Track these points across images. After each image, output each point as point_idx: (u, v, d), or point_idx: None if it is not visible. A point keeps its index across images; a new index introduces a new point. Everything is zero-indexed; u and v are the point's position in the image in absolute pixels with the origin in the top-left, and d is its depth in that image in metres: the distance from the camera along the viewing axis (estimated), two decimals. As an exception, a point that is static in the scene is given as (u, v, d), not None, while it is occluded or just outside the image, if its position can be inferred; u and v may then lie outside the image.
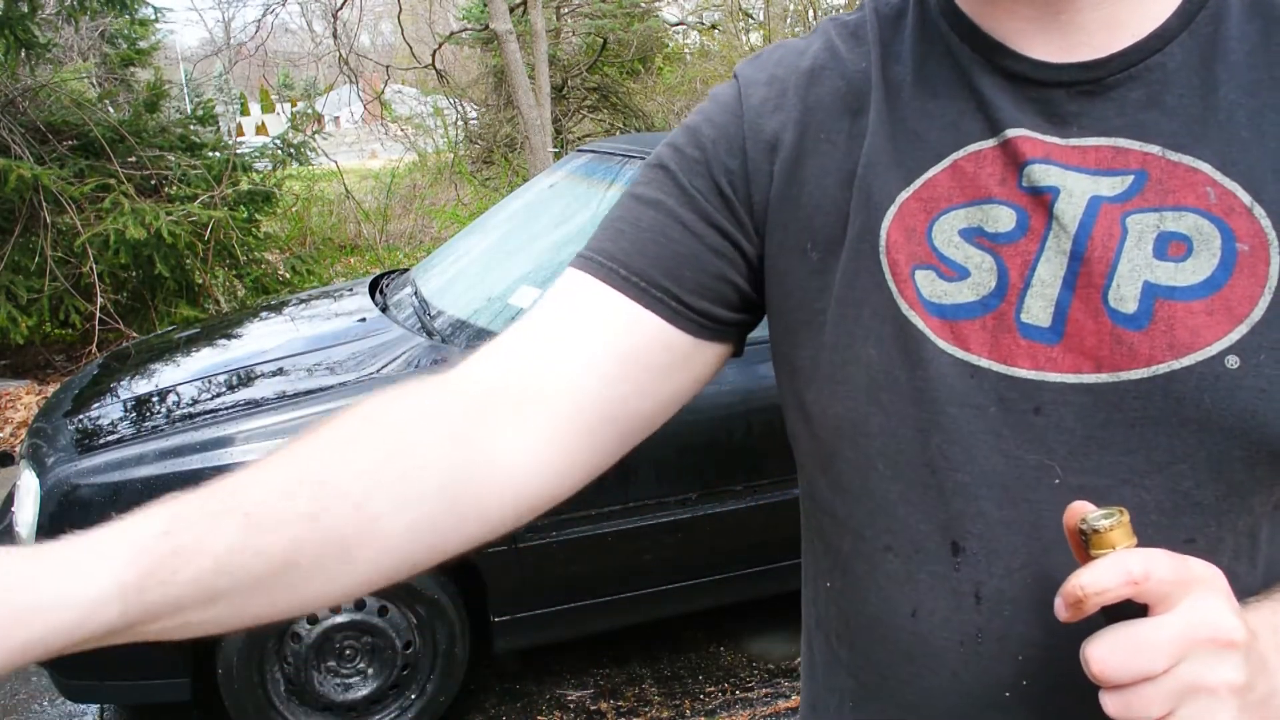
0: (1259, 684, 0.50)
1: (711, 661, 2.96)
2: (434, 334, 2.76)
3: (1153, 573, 0.49)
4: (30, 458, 2.55)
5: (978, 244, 0.64)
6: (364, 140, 18.45)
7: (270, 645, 2.42)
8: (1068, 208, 0.62)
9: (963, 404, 0.64)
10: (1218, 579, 0.51)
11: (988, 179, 0.64)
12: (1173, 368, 0.59)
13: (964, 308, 0.64)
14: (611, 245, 0.72)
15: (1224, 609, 0.50)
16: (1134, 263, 0.60)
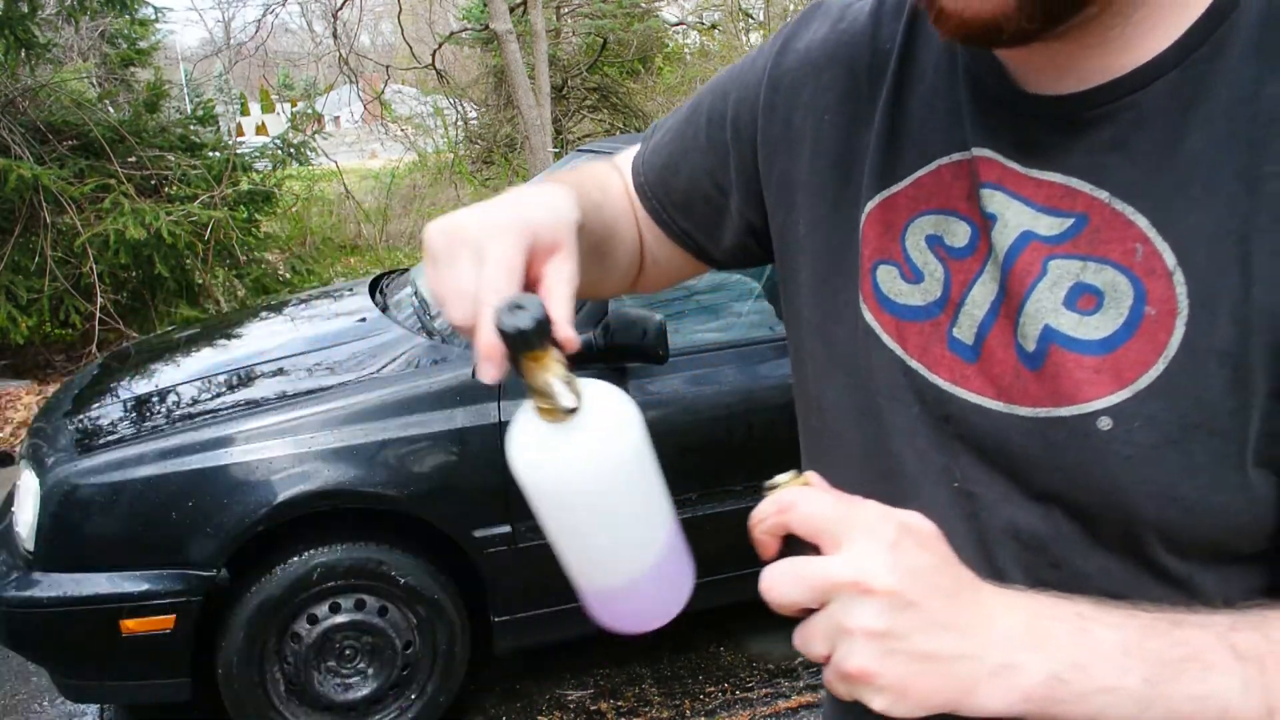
0: (915, 638, 0.51)
1: (711, 661, 2.96)
2: (434, 334, 2.76)
3: (799, 505, 0.53)
4: (30, 458, 2.55)
5: (936, 253, 0.67)
6: (364, 140, 18.45)
7: (270, 645, 2.42)
8: (1001, 237, 0.63)
9: (893, 398, 0.68)
10: (890, 528, 0.52)
11: (958, 192, 0.66)
12: (1052, 414, 0.60)
13: (910, 310, 0.67)
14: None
15: (876, 558, 0.51)
16: (1040, 304, 0.61)
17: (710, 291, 2.82)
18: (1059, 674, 0.52)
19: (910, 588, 0.51)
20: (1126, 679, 0.52)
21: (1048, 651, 0.52)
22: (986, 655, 0.52)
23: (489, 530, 2.47)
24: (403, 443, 2.40)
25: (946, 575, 0.53)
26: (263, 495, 2.32)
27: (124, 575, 2.30)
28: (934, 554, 0.54)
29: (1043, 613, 0.54)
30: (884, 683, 0.51)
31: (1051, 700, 0.52)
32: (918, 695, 0.51)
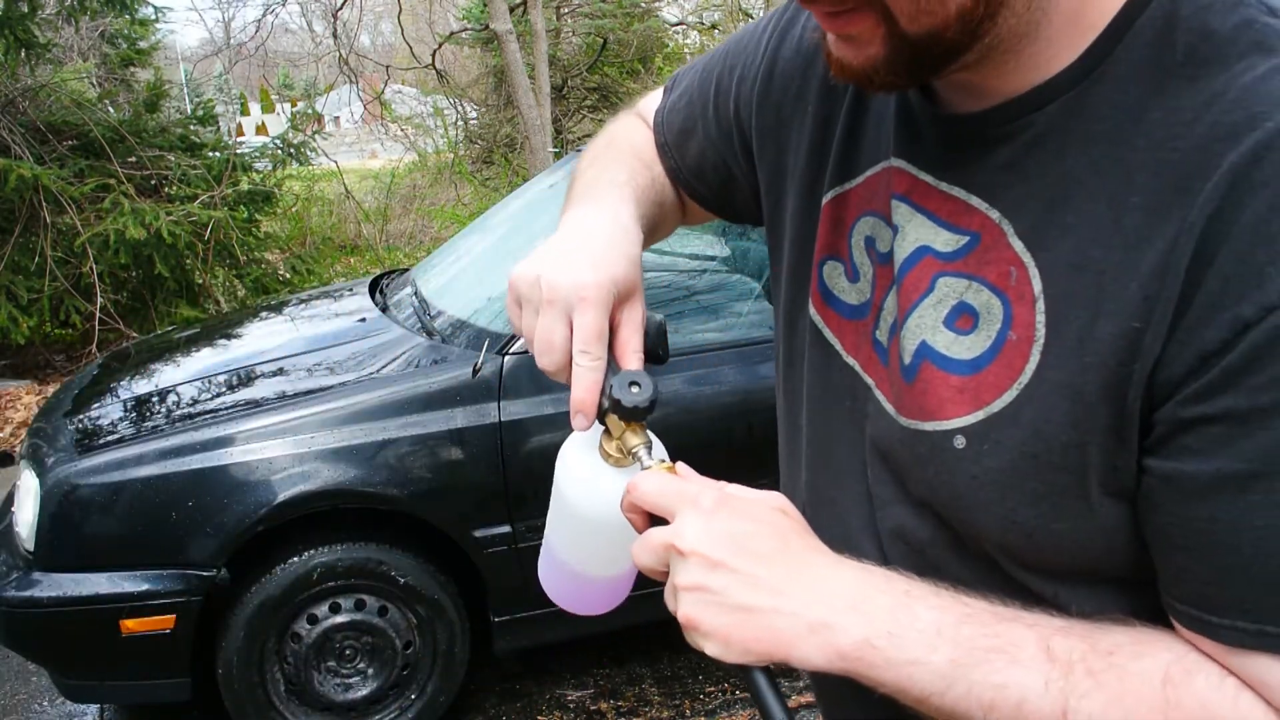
0: (730, 593, 0.57)
1: (711, 661, 2.94)
2: (434, 334, 2.76)
3: (639, 486, 0.61)
4: (30, 458, 2.55)
5: (869, 255, 0.69)
6: (364, 140, 18.44)
7: (270, 645, 2.42)
8: (899, 250, 0.65)
9: (830, 391, 0.72)
10: (709, 499, 0.59)
11: (886, 198, 0.67)
12: (919, 427, 0.62)
13: (849, 308, 0.71)
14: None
15: (691, 524, 0.58)
16: (921, 320, 0.62)
17: (710, 291, 2.82)
18: (871, 639, 0.56)
19: (718, 550, 0.57)
20: (934, 655, 0.55)
21: (866, 617, 0.56)
22: (805, 613, 0.57)
23: (489, 530, 2.47)
24: (403, 443, 2.40)
25: (763, 540, 0.58)
26: (263, 495, 2.32)
27: (124, 575, 2.30)
28: (753, 522, 0.59)
29: (871, 584, 0.58)
30: (706, 629, 0.57)
31: (863, 662, 0.56)
32: (740, 643, 0.57)
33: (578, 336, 0.65)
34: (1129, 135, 0.54)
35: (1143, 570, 0.57)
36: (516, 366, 2.50)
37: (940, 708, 0.56)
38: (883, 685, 0.56)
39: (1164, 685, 0.53)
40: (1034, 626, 0.56)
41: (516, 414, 2.47)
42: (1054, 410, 0.55)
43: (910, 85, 0.59)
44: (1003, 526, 0.59)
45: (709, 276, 2.87)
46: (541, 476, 2.49)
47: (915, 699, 0.56)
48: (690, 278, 2.82)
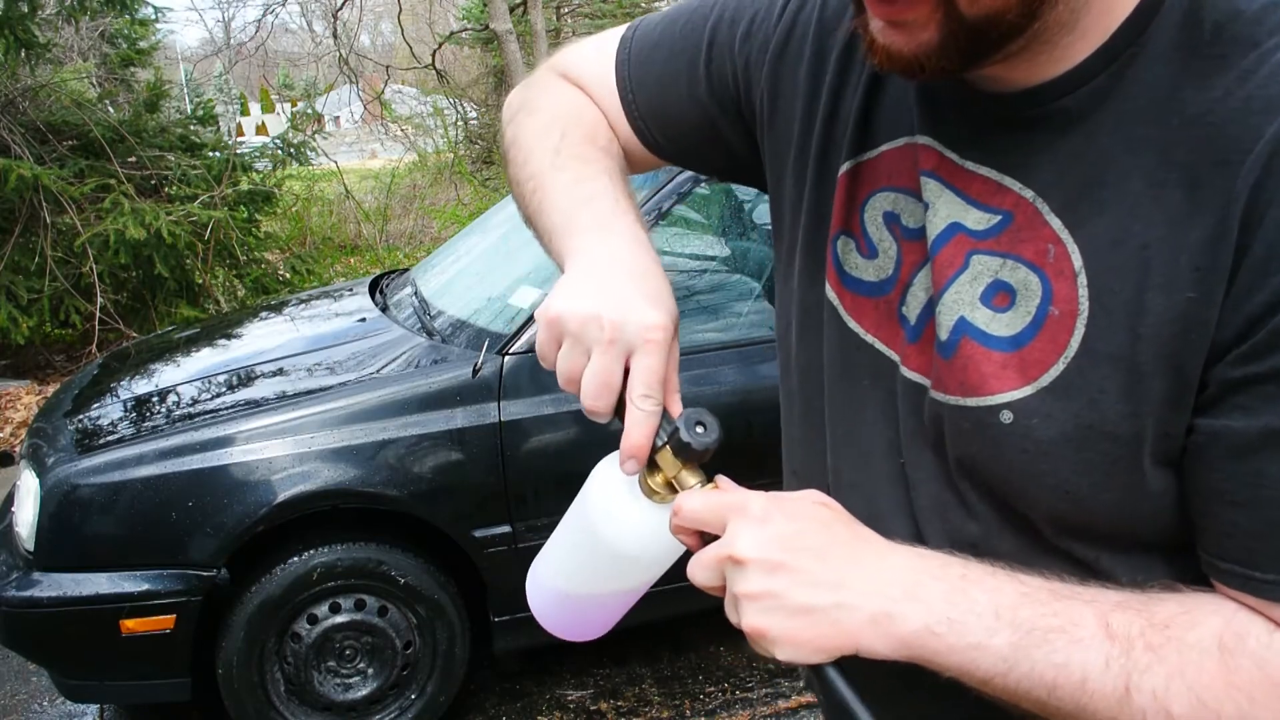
0: (791, 595, 0.57)
1: (711, 661, 2.96)
2: (434, 334, 2.76)
3: (683, 508, 0.62)
4: (30, 458, 2.55)
5: (892, 231, 0.69)
6: (364, 140, 18.44)
7: (270, 645, 2.42)
8: (931, 226, 0.65)
9: (849, 371, 0.71)
10: (756, 506, 0.59)
11: (913, 173, 0.67)
12: (958, 403, 0.63)
13: (865, 285, 0.70)
14: None
15: (744, 533, 0.59)
16: (958, 296, 0.63)
17: (710, 291, 2.82)
18: (932, 626, 0.57)
19: (774, 553, 0.58)
20: (994, 639, 0.56)
21: (924, 604, 0.57)
22: (865, 604, 0.57)
23: (489, 530, 2.47)
24: (403, 443, 2.40)
25: (815, 537, 0.59)
26: (263, 495, 2.32)
27: (124, 575, 2.30)
28: (802, 521, 0.60)
29: (926, 569, 0.59)
30: (775, 635, 0.58)
31: (926, 649, 0.57)
32: (810, 644, 0.58)
33: (640, 380, 0.63)
34: (1163, 114, 0.56)
35: (1182, 535, 0.58)
36: (516, 366, 2.50)
37: (1004, 688, 0.57)
38: (947, 670, 0.57)
39: (1221, 653, 0.54)
40: (1092, 603, 0.57)
41: (516, 414, 2.47)
42: (1106, 381, 0.56)
43: (960, 73, 0.59)
44: (1054, 496, 0.60)
45: (709, 276, 2.87)
46: (541, 476, 2.50)
47: (979, 681, 0.57)
48: (690, 278, 2.82)
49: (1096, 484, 0.58)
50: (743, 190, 2.99)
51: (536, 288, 2.68)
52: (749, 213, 3.03)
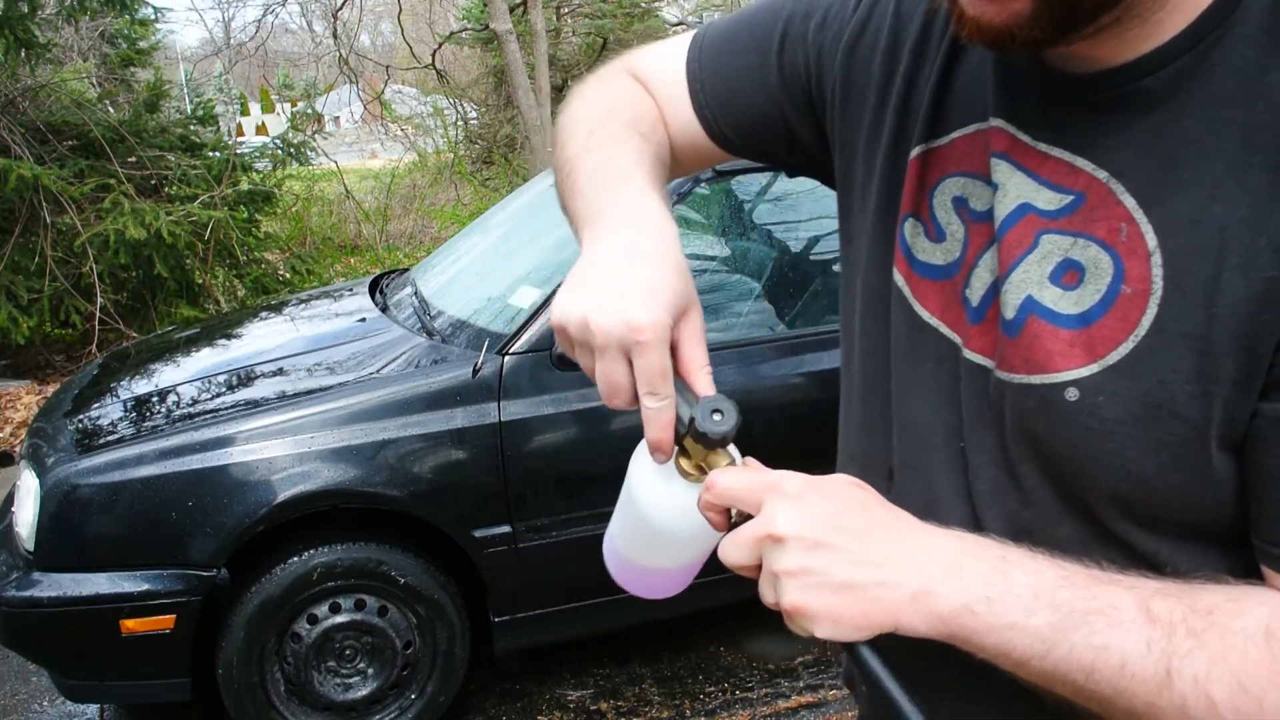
0: (831, 572, 0.58)
1: (711, 661, 2.96)
2: (434, 334, 2.76)
3: (716, 484, 0.62)
4: (30, 458, 2.55)
5: (960, 214, 0.69)
6: (364, 140, 18.44)
7: (270, 645, 2.42)
8: (1000, 207, 0.65)
9: (912, 353, 0.71)
10: (793, 485, 0.60)
11: (983, 158, 0.67)
12: (1023, 381, 0.63)
13: (932, 268, 0.70)
14: None
15: (782, 511, 0.59)
16: (1026, 275, 0.63)
17: (710, 291, 2.82)
18: (971, 605, 0.57)
19: (814, 530, 0.58)
20: (1032, 619, 0.56)
21: (963, 583, 0.57)
22: (906, 582, 0.58)
23: (489, 530, 2.47)
24: (403, 443, 2.40)
25: (855, 517, 0.60)
26: (263, 495, 2.32)
27: (124, 575, 2.30)
28: (839, 500, 0.61)
29: (967, 550, 0.59)
30: (815, 612, 0.58)
31: (965, 628, 0.57)
32: (851, 620, 0.58)
33: (641, 379, 0.63)
34: (1248, 98, 0.56)
35: (1243, 527, 0.58)
36: (516, 366, 2.50)
37: (1041, 671, 0.56)
38: (983, 650, 0.57)
39: (1268, 641, 0.54)
40: (1132, 589, 0.57)
41: (516, 414, 2.47)
42: (1178, 361, 0.56)
43: (1050, 45, 0.59)
44: (1118, 477, 0.59)
45: (709, 276, 2.87)
46: (541, 476, 2.50)
47: (1015, 663, 0.57)
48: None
49: (1162, 465, 0.58)
50: (743, 190, 2.99)
51: (536, 288, 2.67)
52: (749, 213, 3.03)
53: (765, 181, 3.00)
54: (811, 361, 2.73)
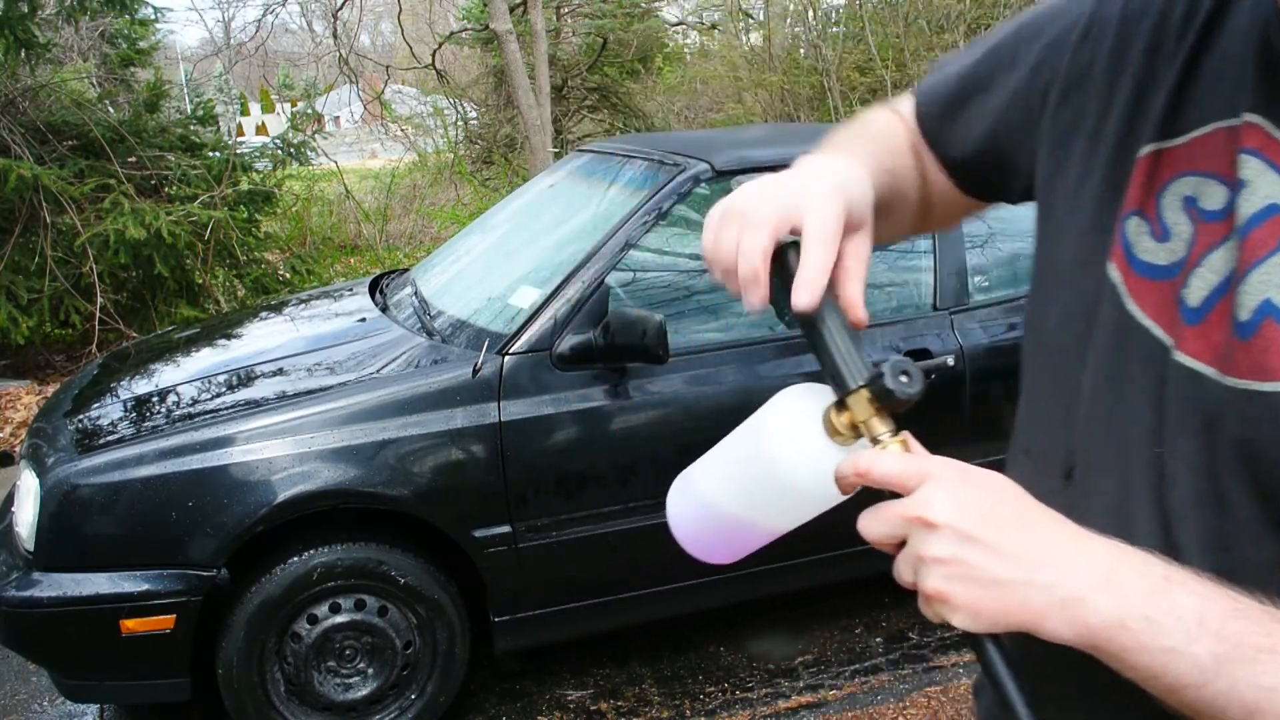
0: (982, 567, 0.57)
1: (711, 661, 2.96)
2: (434, 334, 2.76)
3: (872, 469, 0.61)
4: (30, 458, 2.55)
5: (1188, 214, 0.66)
6: (364, 140, 18.44)
7: (270, 645, 2.42)
8: (1245, 205, 0.62)
9: (1119, 352, 0.68)
10: (951, 473, 0.60)
11: (1224, 156, 0.65)
12: (1251, 388, 0.59)
13: (1152, 268, 0.67)
14: None
15: (938, 497, 0.58)
16: (1267, 277, 0.60)
17: (710, 291, 2.82)
18: (1126, 621, 0.54)
19: (969, 522, 0.57)
20: (1194, 646, 0.53)
21: (1120, 597, 0.55)
22: (1057, 587, 0.56)
23: (489, 530, 2.47)
24: (403, 443, 2.40)
25: (1010, 512, 0.58)
26: (263, 495, 2.32)
27: (124, 575, 2.30)
28: (997, 494, 0.59)
29: (1128, 563, 0.56)
30: (957, 603, 0.57)
31: (1114, 644, 0.55)
32: (991, 616, 0.57)
33: (807, 225, 0.66)
34: None
35: None
36: (516, 366, 2.50)
37: (1195, 701, 0.54)
38: (1132, 670, 0.55)
39: None
40: None
41: (516, 414, 2.47)
42: None
43: None
44: None
45: (709, 276, 2.86)
46: (541, 476, 2.50)
47: (1166, 688, 0.54)
48: (690, 278, 2.82)
49: None
50: (743, 190, 2.99)
51: (536, 288, 2.68)
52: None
53: (765, 181, 3.00)
54: (811, 362, 2.72)
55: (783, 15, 13.15)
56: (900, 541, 0.60)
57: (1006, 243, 3.02)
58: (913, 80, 8.22)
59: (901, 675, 2.86)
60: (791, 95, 10.51)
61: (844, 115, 9.35)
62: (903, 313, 2.86)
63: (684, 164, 2.81)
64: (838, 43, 10.12)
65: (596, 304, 2.55)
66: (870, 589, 3.26)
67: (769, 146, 3.04)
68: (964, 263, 2.93)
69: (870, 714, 2.68)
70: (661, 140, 3.33)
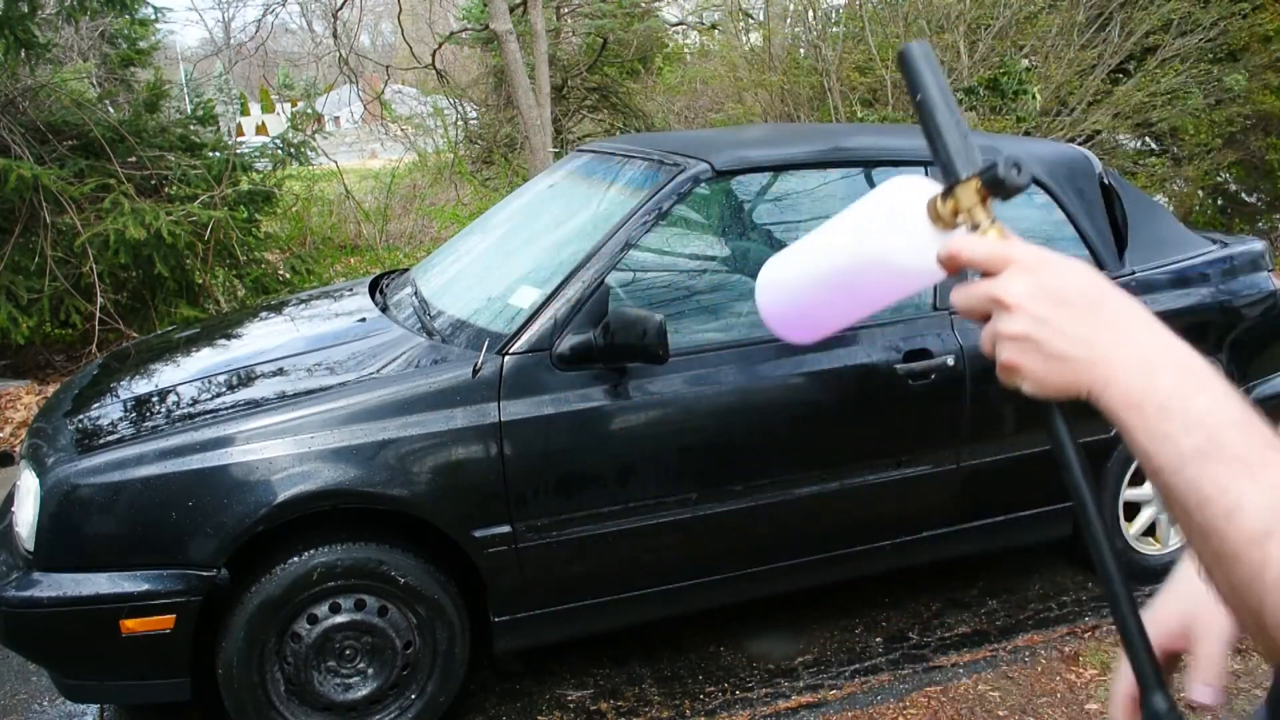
0: (1050, 343, 0.66)
1: (711, 661, 2.96)
2: (434, 334, 2.76)
3: (963, 251, 0.71)
4: (30, 458, 2.55)
5: None
6: (364, 140, 18.43)
7: (270, 645, 2.42)
8: None
9: None
10: (1032, 258, 0.68)
11: None
12: None
13: None
14: None
15: (1015, 283, 0.67)
16: None
17: (710, 291, 2.82)
18: (1142, 406, 0.62)
19: (1039, 305, 0.66)
20: (1185, 438, 0.60)
21: (1147, 386, 0.63)
22: (1101, 366, 0.65)
23: (489, 530, 2.47)
24: (403, 443, 2.40)
25: (1079, 298, 0.66)
26: (263, 495, 2.32)
27: (124, 575, 2.30)
28: (1070, 280, 0.67)
29: (1172, 360, 0.64)
30: (1025, 373, 0.68)
31: (1129, 422, 0.63)
32: (1052, 385, 0.67)
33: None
34: None
35: None
36: (516, 366, 2.50)
37: (1166, 485, 0.61)
38: (1134, 445, 0.63)
39: None
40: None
41: (516, 414, 2.47)
42: None
43: None
44: None
45: (709, 276, 2.87)
46: (541, 476, 2.50)
47: (1152, 469, 0.62)
48: (690, 278, 2.82)
49: None
50: (743, 190, 2.99)
51: (536, 288, 2.68)
52: (749, 213, 3.03)
53: (765, 181, 3.00)
54: (811, 361, 2.73)
55: (783, 15, 13.15)
56: (985, 316, 0.70)
57: (1006, 243, 3.02)
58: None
59: (901, 675, 2.86)
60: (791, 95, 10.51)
61: (844, 115, 9.35)
62: (903, 313, 2.86)
63: (684, 164, 2.81)
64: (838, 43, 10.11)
65: (596, 304, 2.55)
66: (870, 589, 3.26)
67: (769, 146, 3.04)
68: (964, 263, 2.93)
69: (870, 714, 2.68)
70: (661, 140, 3.33)
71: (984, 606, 3.24)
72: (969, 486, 2.93)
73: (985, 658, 2.94)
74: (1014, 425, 2.91)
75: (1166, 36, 8.25)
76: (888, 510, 2.90)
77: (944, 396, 2.83)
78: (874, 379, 2.77)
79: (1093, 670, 2.84)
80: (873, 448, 2.83)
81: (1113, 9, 8.24)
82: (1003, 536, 3.13)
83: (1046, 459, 3.39)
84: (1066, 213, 3.08)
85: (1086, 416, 0.70)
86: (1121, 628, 0.67)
